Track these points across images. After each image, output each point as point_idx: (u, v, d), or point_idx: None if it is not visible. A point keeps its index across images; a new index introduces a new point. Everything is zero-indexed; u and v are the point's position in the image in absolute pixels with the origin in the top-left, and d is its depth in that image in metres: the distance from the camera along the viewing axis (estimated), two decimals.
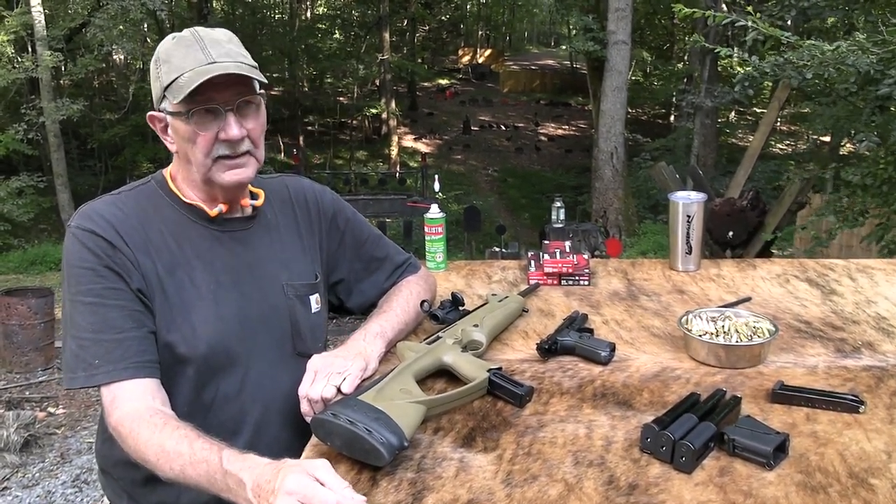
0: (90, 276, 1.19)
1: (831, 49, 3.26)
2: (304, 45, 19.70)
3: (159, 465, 1.06)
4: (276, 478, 0.90)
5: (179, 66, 1.18)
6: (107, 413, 1.16)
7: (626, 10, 11.98)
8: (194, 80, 1.15)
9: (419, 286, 1.48)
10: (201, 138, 1.20)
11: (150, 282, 1.22)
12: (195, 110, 1.18)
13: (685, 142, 15.39)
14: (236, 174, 1.24)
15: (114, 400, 1.15)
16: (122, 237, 1.21)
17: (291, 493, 0.87)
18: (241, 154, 1.23)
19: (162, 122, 1.25)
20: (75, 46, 14.08)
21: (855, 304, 1.57)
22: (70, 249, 1.21)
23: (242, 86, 1.21)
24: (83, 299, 1.19)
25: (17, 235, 11.13)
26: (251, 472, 0.95)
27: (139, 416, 1.12)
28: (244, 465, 0.97)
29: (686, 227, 1.78)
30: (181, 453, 1.04)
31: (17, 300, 5.10)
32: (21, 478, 3.70)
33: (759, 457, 0.95)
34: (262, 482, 0.92)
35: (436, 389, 1.20)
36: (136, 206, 1.26)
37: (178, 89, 1.17)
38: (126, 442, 1.12)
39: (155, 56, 1.24)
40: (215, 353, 1.25)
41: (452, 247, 11.43)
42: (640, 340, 1.40)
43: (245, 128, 1.22)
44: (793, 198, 5.12)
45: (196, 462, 1.03)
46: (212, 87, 1.16)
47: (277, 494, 0.88)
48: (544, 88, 27.95)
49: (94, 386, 1.18)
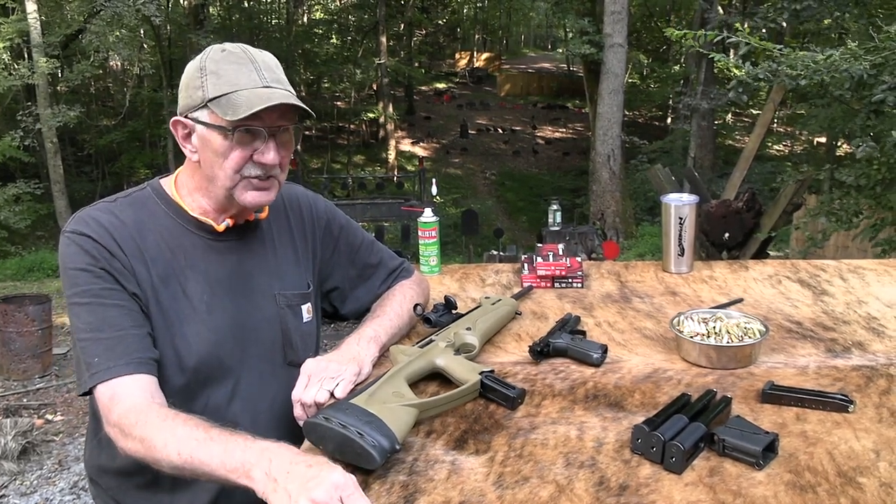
0: (86, 276, 1.18)
1: (824, 58, 3.28)
2: (300, 49, 19.72)
3: (166, 450, 1.03)
4: (309, 478, 0.88)
5: (232, 83, 1.18)
6: (105, 411, 1.13)
7: (621, 13, 12.03)
8: (254, 102, 1.15)
9: (413, 290, 1.49)
10: (236, 154, 1.19)
11: (145, 289, 1.22)
12: (240, 129, 1.18)
13: (682, 144, 15.44)
14: (259, 196, 1.24)
15: (113, 396, 1.12)
16: (117, 243, 1.21)
17: (316, 503, 0.85)
18: (269, 177, 1.24)
19: (187, 130, 1.23)
20: (71, 53, 14.09)
21: (846, 305, 1.58)
22: (66, 253, 1.20)
23: (286, 114, 1.22)
24: (80, 300, 1.18)
25: (14, 242, 11.12)
26: (282, 454, 0.93)
27: (147, 407, 1.10)
28: (275, 446, 0.96)
29: (678, 229, 1.79)
30: (195, 437, 1.02)
31: (15, 307, 5.10)
32: (19, 485, 3.70)
33: (749, 457, 0.96)
34: (294, 470, 0.90)
35: (428, 392, 1.20)
36: (132, 213, 1.26)
37: (233, 106, 1.16)
38: (131, 434, 1.07)
39: (199, 63, 1.22)
40: (206, 364, 1.25)
41: (451, 250, 11.45)
42: (633, 342, 1.40)
43: (279, 155, 1.23)
44: (788, 199, 5.13)
45: (211, 440, 1.00)
46: (263, 109, 1.16)
47: (301, 498, 0.86)
48: (541, 91, 28.02)
49: (96, 385, 1.14)
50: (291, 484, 0.88)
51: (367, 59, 20.20)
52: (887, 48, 3.24)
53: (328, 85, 22.24)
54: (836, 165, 4.35)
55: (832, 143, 8.63)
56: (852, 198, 3.84)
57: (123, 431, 1.09)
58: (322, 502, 0.85)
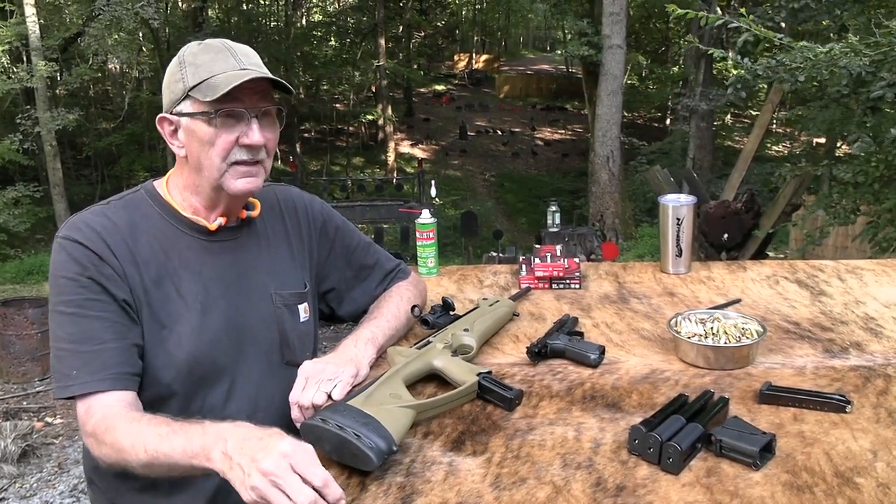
0: (72, 286, 1.18)
1: (824, 51, 3.28)
2: (299, 52, 19.72)
3: (133, 450, 1.05)
4: (258, 449, 0.91)
5: (210, 69, 1.20)
6: (82, 423, 1.15)
7: (620, 15, 12.03)
8: (231, 80, 1.17)
9: (410, 292, 1.49)
10: (222, 140, 1.21)
11: (137, 294, 1.22)
12: (221, 111, 1.19)
13: (681, 145, 15.45)
14: (247, 182, 1.24)
15: (88, 409, 1.14)
16: (109, 248, 1.21)
17: (266, 474, 0.88)
18: (256, 162, 1.24)
19: (172, 126, 1.25)
20: (70, 56, 14.10)
21: (844, 305, 1.58)
22: (55, 260, 1.21)
23: (267, 96, 1.23)
24: (64, 310, 1.18)
25: (13, 246, 11.10)
26: (236, 433, 0.96)
27: (116, 413, 1.12)
28: (230, 426, 0.98)
29: (676, 229, 1.79)
30: (158, 432, 1.04)
31: (14, 310, 5.11)
32: (19, 488, 3.70)
33: (746, 457, 0.96)
34: (245, 445, 0.92)
35: (426, 394, 1.20)
36: (125, 215, 1.26)
37: (211, 88, 1.18)
38: (104, 441, 1.10)
39: (178, 59, 1.24)
40: (201, 365, 1.25)
41: (450, 251, 11.44)
42: (630, 343, 1.40)
43: (264, 136, 1.23)
44: (787, 200, 5.14)
45: (174, 433, 1.02)
46: (240, 92, 1.18)
47: (252, 470, 0.89)
48: (540, 93, 28.03)
49: (69, 397, 1.16)
50: (243, 458, 0.91)
51: (366, 61, 20.21)
52: (888, 43, 3.23)
53: (327, 87, 22.24)
54: (834, 162, 4.34)
55: (832, 145, 8.63)
56: (850, 195, 3.84)
57: (97, 440, 1.11)
58: (270, 471, 0.88)
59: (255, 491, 0.88)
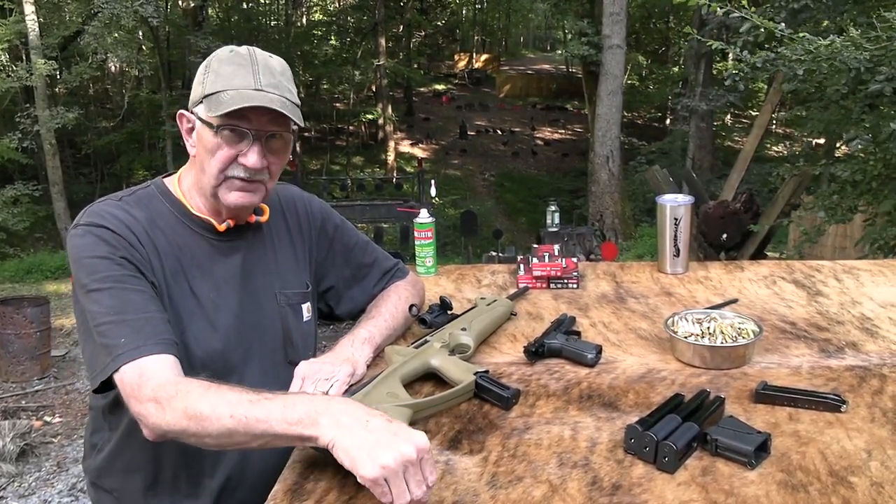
0: (106, 263, 1.15)
1: (826, 44, 3.27)
2: (299, 51, 19.70)
3: (215, 416, 0.98)
4: (394, 431, 0.89)
5: (226, 82, 1.19)
6: (135, 389, 1.06)
7: (620, 15, 12.05)
8: (235, 101, 1.16)
9: (407, 291, 1.49)
10: (222, 153, 1.20)
11: (160, 283, 1.21)
12: (225, 128, 1.19)
13: (681, 145, 15.47)
14: (241, 197, 1.24)
15: (143, 373, 1.07)
16: (135, 235, 1.20)
17: (400, 460, 0.85)
18: (254, 181, 1.24)
19: (190, 124, 1.25)
20: (70, 54, 14.10)
21: (840, 305, 1.58)
22: (81, 244, 1.17)
23: (277, 119, 1.21)
24: (100, 286, 1.13)
25: (12, 244, 11.10)
26: (357, 406, 0.94)
27: (185, 380, 1.07)
28: (327, 398, 0.97)
29: (674, 229, 1.79)
30: (247, 398, 0.98)
31: (13, 309, 5.11)
32: (17, 487, 3.70)
33: (741, 456, 0.96)
34: (373, 421, 0.90)
35: (423, 393, 1.21)
36: (140, 210, 1.25)
37: (217, 104, 1.17)
38: (170, 405, 1.02)
39: (207, 60, 1.24)
40: (212, 362, 1.25)
41: (450, 251, 11.45)
42: (627, 342, 1.41)
43: (267, 160, 1.22)
44: (786, 199, 5.15)
45: (267, 399, 0.98)
46: (249, 110, 1.17)
47: (389, 447, 0.86)
48: (540, 93, 28.01)
49: (120, 367, 1.08)
50: (377, 434, 0.88)
51: (366, 60, 20.21)
52: (888, 38, 3.23)
53: (327, 86, 22.23)
54: (832, 161, 4.35)
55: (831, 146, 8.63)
56: (848, 193, 3.84)
57: (161, 405, 1.03)
58: (407, 457, 0.86)
59: (385, 469, 0.85)
